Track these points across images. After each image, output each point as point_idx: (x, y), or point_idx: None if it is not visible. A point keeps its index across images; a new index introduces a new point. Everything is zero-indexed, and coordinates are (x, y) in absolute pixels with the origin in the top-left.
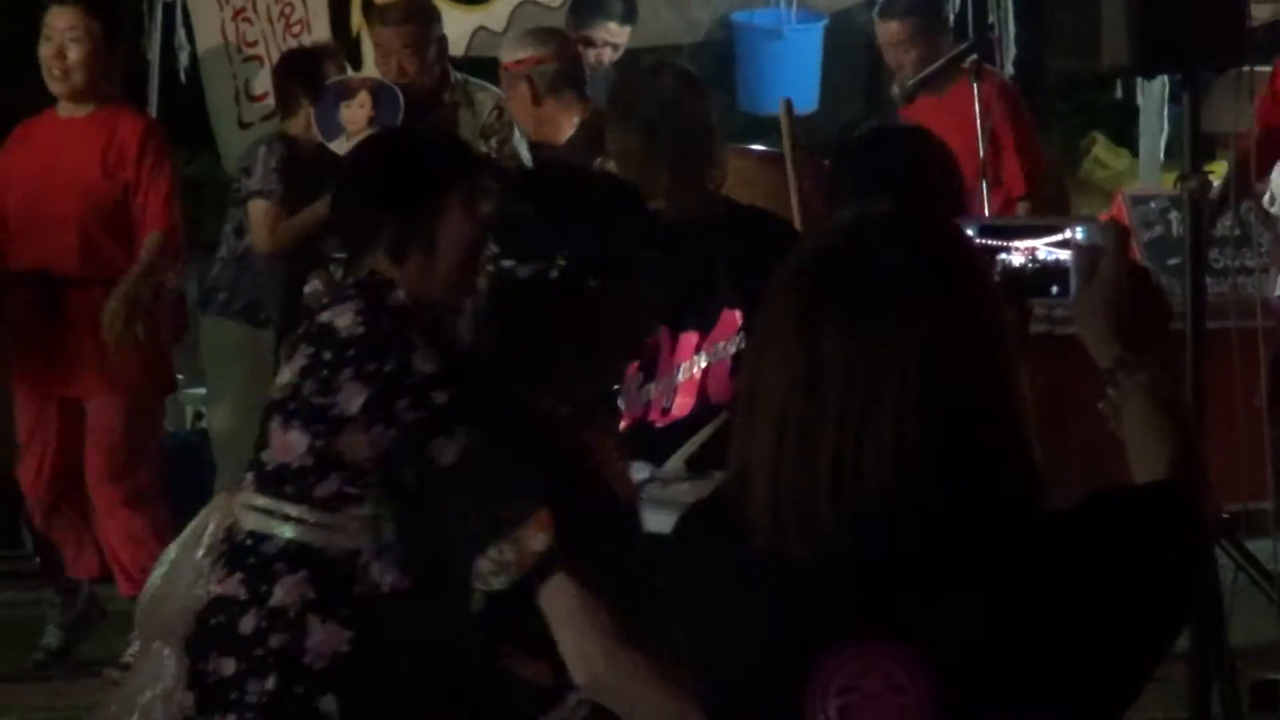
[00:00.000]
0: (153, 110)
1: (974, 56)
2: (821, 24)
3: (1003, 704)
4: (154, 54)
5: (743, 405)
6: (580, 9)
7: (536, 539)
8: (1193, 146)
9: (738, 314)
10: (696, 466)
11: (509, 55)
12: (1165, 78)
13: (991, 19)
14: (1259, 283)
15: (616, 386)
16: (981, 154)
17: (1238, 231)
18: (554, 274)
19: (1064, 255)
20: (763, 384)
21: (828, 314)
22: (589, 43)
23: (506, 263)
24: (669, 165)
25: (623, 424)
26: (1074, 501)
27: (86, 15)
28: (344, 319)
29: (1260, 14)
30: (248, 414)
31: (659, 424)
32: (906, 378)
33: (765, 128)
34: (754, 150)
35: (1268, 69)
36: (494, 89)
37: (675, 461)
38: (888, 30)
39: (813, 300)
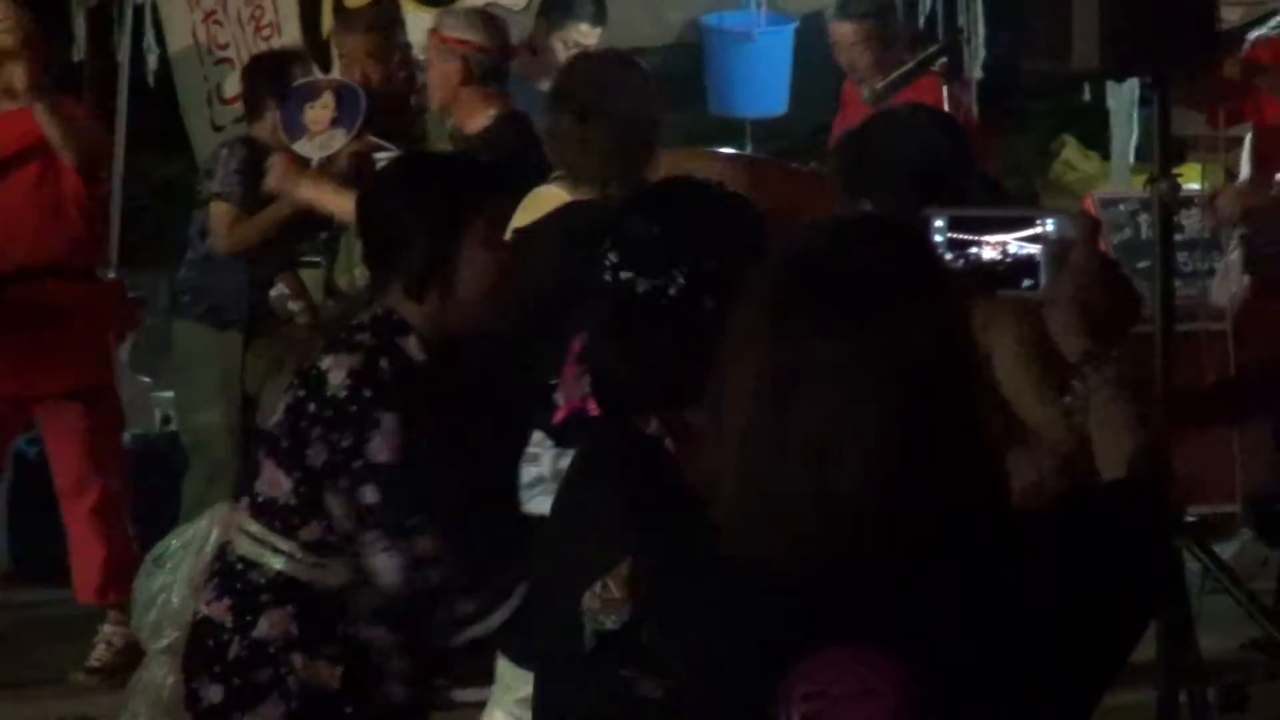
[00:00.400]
0: (122, 113)
1: (944, 59)
2: (792, 27)
3: (979, 705)
4: (124, 56)
5: (713, 408)
6: (552, 11)
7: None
8: (1163, 149)
9: None
10: None
11: (452, 30)
12: (1136, 80)
13: (961, 21)
14: (1222, 282)
15: (555, 381)
16: None
17: (1206, 234)
18: (672, 291)
19: (1035, 249)
20: (733, 387)
21: (800, 318)
22: (563, 44)
23: (625, 274)
24: (600, 154)
25: (560, 415)
26: (1044, 504)
27: (16, 8)
28: (337, 376)
29: (1230, 17)
30: (218, 417)
31: (593, 413)
32: (881, 382)
33: (736, 131)
34: (723, 153)
35: None
36: None
37: None
38: (842, 31)
39: (785, 304)
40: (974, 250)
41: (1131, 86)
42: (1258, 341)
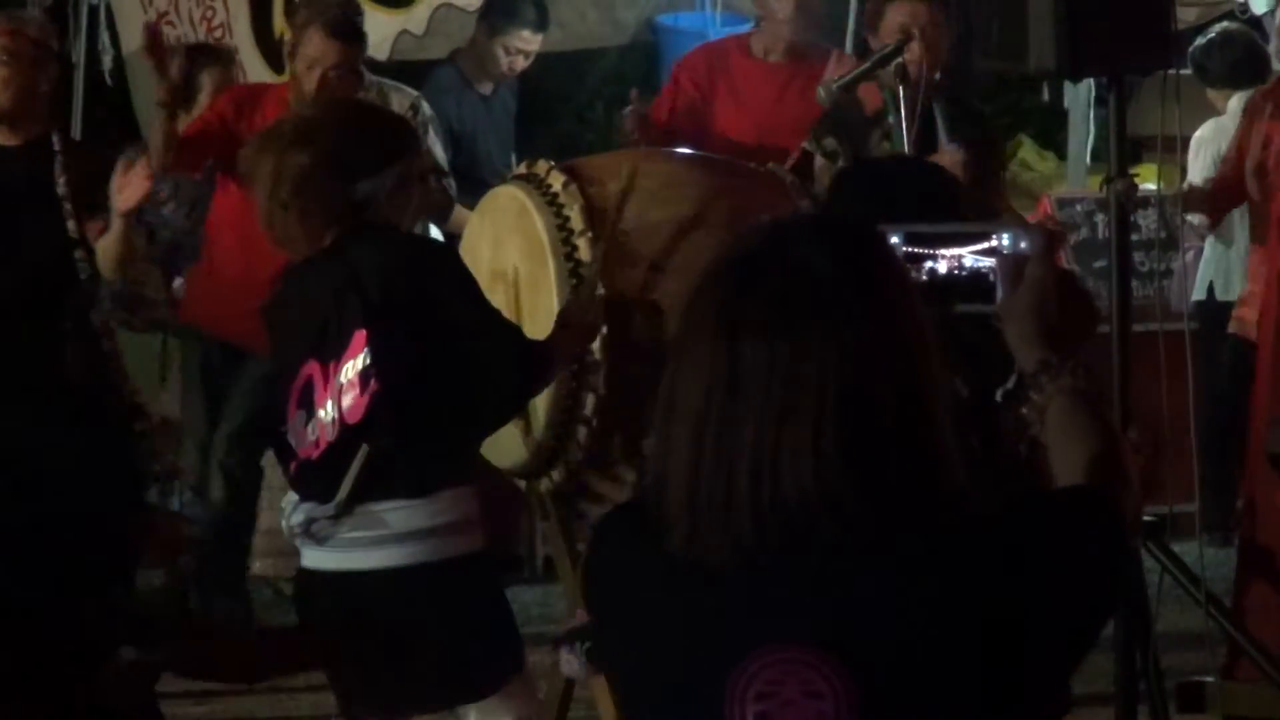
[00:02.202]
0: (77, 112)
1: (899, 59)
2: (746, 27)
3: (922, 709)
4: (79, 56)
5: (661, 407)
6: (493, 16)
7: None
8: (1119, 149)
9: (364, 332)
10: (353, 500)
11: (50, 39)
12: (1091, 80)
13: None
14: (1180, 283)
15: (284, 428)
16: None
17: (1164, 234)
18: None
19: (990, 263)
20: (681, 386)
21: (745, 316)
22: (504, 50)
23: None
24: (296, 218)
25: (293, 467)
26: (994, 506)
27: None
28: None
29: (1186, 17)
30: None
31: (316, 458)
32: (825, 381)
33: None
34: (681, 153)
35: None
36: (408, 90)
37: (336, 500)
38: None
39: (731, 302)
40: (929, 265)
41: (1087, 86)
42: None
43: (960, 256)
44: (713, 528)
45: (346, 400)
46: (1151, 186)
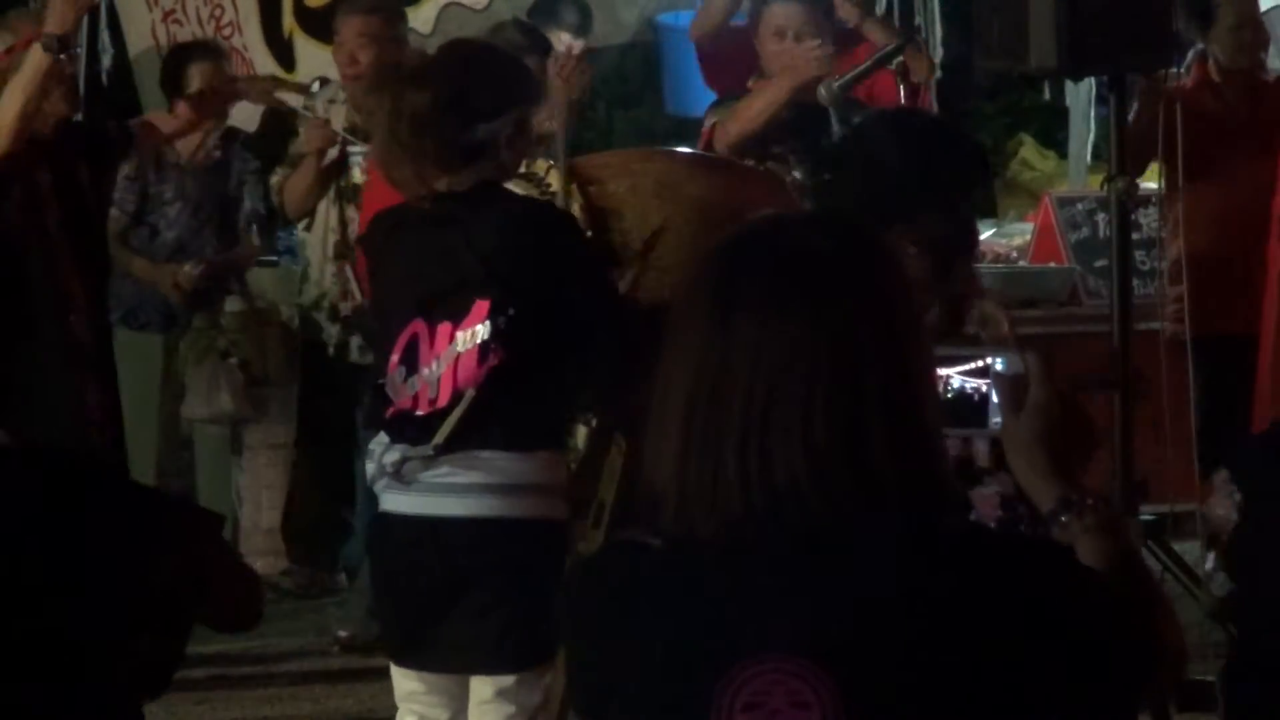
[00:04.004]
0: (79, 114)
1: (900, 58)
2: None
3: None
4: (79, 54)
5: (657, 386)
6: (535, 16)
7: None
8: (1119, 148)
9: (487, 302)
10: (450, 444)
11: None
12: (1093, 79)
13: (918, 20)
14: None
15: (382, 380)
16: None
17: (1164, 233)
18: None
19: (979, 384)
20: (675, 365)
21: (739, 296)
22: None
23: None
24: (410, 159)
25: (389, 412)
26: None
27: None
28: None
29: None
30: (142, 420)
31: (422, 413)
32: (816, 362)
33: (691, 129)
34: (681, 153)
35: None
36: None
37: (434, 441)
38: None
39: (725, 282)
40: None
41: (1088, 85)
42: None
43: (948, 378)
44: (700, 503)
45: (463, 367)
46: (1153, 185)
